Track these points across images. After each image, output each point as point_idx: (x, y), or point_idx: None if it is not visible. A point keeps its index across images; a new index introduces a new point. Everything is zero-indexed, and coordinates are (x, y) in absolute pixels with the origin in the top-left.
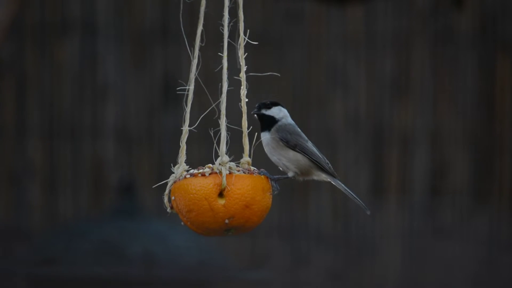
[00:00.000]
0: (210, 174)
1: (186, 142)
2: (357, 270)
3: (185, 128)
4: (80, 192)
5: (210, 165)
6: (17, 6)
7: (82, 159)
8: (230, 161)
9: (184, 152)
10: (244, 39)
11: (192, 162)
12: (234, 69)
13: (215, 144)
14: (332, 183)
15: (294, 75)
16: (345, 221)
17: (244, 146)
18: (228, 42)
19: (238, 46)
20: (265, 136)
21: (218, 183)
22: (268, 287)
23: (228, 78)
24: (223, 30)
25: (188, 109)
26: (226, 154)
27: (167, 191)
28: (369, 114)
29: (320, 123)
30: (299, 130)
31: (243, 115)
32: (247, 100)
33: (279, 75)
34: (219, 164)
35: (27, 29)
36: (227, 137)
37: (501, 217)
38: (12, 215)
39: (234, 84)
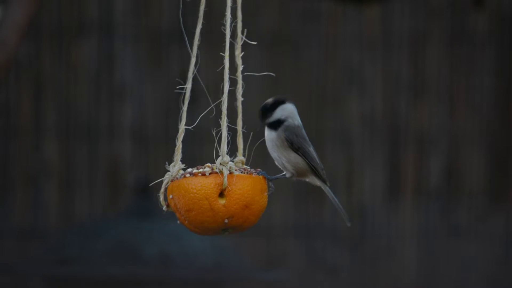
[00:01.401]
0: (210, 173)
1: (202, 143)
2: (372, 270)
3: (182, 127)
4: (96, 193)
5: (209, 164)
6: (35, 7)
7: (99, 159)
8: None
9: (180, 150)
10: (242, 38)
11: (194, 162)
12: (243, 68)
13: (216, 144)
14: (321, 189)
15: (310, 75)
16: (361, 221)
17: (238, 145)
18: (233, 43)
19: (236, 46)
20: (271, 132)
21: (219, 183)
22: (284, 287)
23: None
24: (225, 30)
25: (185, 108)
26: (227, 154)
27: (162, 190)
28: (385, 114)
29: (336, 123)
30: (304, 133)
31: (238, 115)
32: (242, 99)
33: (274, 75)
34: (220, 164)
35: (44, 30)
36: (228, 137)
37: None
38: (28, 215)
39: (237, 84)
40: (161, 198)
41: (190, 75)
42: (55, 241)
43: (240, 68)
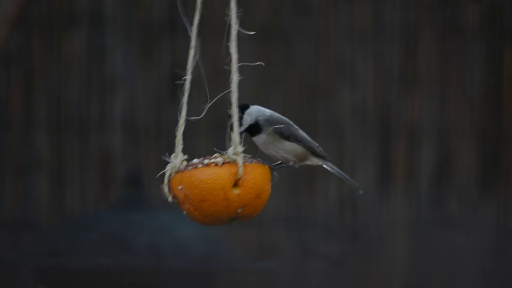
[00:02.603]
0: (223, 163)
1: (193, 135)
2: (364, 260)
3: (182, 119)
4: (88, 185)
5: (217, 154)
6: None
7: (90, 151)
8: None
9: (181, 142)
10: (236, 28)
11: (200, 153)
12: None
13: (230, 132)
14: (324, 167)
15: (301, 67)
16: (353, 211)
17: (235, 136)
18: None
19: (231, 37)
20: (258, 136)
21: (233, 173)
22: (276, 278)
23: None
24: (227, 20)
25: (185, 99)
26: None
27: (166, 181)
28: (377, 106)
29: (328, 115)
30: (284, 118)
31: (233, 106)
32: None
33: (263, 64)
34: (233, 153)
35: (34, 21)
36: (237, 126)
37: (508, 207)
38: (19, 207)
39: (241, 74)
40: (166, 189)
41: (189, 67)
42: (46, 233)
43: (235, 57)
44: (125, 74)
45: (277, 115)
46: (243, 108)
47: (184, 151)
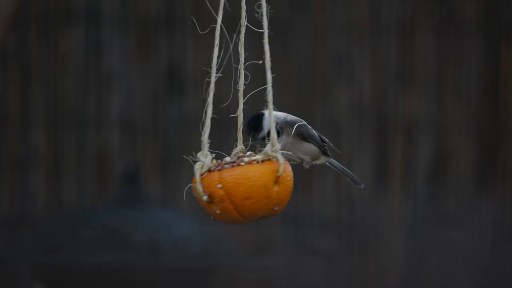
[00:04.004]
0: (263, 161)
1: (190, 131)
2: (361, 257)
3: (208, 120)
4: (85, 181)
5: (251, 152)
6: None
7: (87, 148)
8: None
9: (207, 140)
10: (246, 25)
11: (183, 151)
12: (231, 57)
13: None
14: (327, 164)
15: (299, 63)
16: (349, 207)
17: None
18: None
19: (239, 35)
20: (279, 139)
21: (275, 170)
22: (273, 274)
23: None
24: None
25: (210, 99)
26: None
27: (199, 179)
28: (374, 101)
29: (325, 111)
30: (300, 119)
31: (240, 105)
32: (244, 87)
33: (259, 62)
34: (271, 151)
35: (31, 18)
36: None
37: (504, 204)
38: (16, 204)
39: (231, 73)
40: (200, 188)
41: (214, 65)
42: (44, 229)
43: (243, 56)
44: (122, 70)
45: (291, 116)
46: (261, 116)
47: (182, 149)
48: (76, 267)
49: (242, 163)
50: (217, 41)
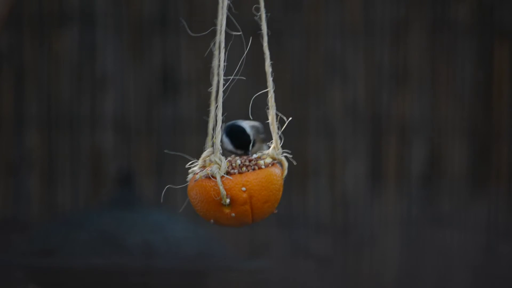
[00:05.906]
0: (272, 164)
1: (184, 133)
2: (355, 258)
3: (219, 123)
4: (79, 183)
5: (250, 154)
6: None
7: (81, 149)
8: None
9: (219, 143)
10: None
11: (190, 151)
12: (229, 60)
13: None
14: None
15: (292, 64)
16: (344, 209)
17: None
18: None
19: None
20: (256, 147)
21: (282, 172)
22: (267, 277)
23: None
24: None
25: (219, 102)
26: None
27: (220, 182)
28: (368, 102)
29: (318, 111)
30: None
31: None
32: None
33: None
34: (277, 154)
35: (25, 19)
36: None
37: (499, 205)
38: (9, 206)
39: (230, 75)
40: (223, 191)
41: (220, 70)
42: (37, 231)
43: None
44: (116, 72)
45: (248, 121)
46: (243, 131)
47: (176, 151)
48: (70, 269)
49: (263, 166)
50: (223, 44)
